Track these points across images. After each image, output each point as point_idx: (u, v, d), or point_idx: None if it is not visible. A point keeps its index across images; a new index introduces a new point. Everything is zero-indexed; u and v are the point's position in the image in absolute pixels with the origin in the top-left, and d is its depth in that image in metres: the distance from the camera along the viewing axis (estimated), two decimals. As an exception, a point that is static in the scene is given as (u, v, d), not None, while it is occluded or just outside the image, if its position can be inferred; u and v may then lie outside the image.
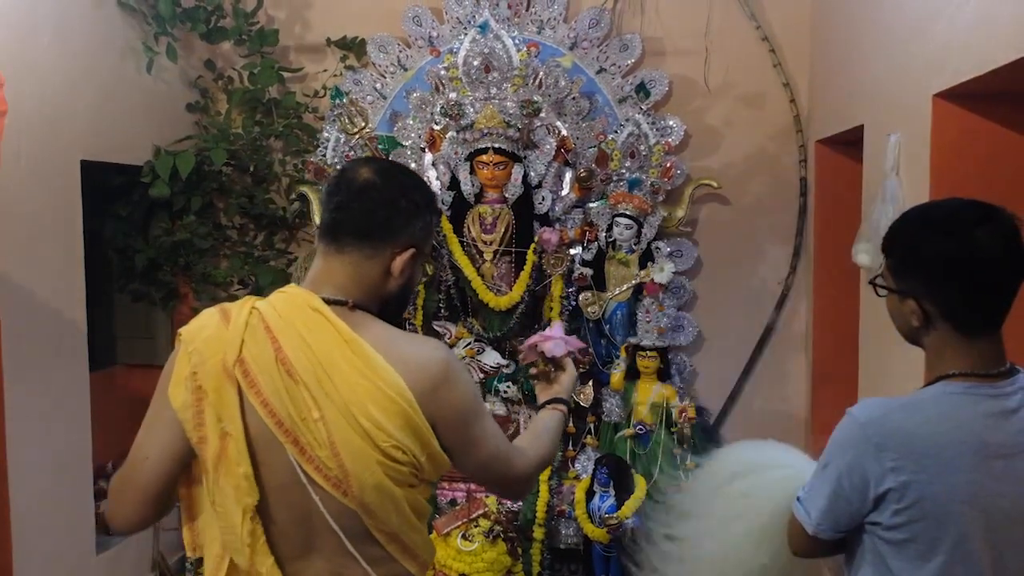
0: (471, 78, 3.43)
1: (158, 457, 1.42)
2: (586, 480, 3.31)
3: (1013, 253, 1.36)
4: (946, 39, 2.15)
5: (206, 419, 1.37)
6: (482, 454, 1.47)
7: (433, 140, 3.58)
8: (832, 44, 3.44)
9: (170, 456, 1.41)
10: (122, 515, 1.45)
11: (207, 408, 1.37)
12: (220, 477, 1.37)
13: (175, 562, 3.76)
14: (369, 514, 1.36)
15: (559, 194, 3.59)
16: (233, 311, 1.42)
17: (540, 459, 1.59)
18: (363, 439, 1.33)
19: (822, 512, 1.43)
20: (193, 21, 3.79)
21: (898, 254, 1.44)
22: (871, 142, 2.82)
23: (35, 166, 2.97)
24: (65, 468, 3.16)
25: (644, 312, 3.49)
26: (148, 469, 1.42)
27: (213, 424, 1.37)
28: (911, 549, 1.37)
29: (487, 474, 1.53)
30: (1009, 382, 1.39)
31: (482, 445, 1.47)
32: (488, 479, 1.56)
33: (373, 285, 1.45)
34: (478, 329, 3.54)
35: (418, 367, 1.38)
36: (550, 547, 3.30)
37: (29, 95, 2.95)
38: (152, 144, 3.69)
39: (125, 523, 1.46)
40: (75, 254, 3.21)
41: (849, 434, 1.40)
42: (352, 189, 1.44)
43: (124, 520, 1.46)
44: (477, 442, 1.46)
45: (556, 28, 3.79)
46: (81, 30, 3.25)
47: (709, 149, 3.86)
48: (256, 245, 4.08)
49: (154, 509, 1.45)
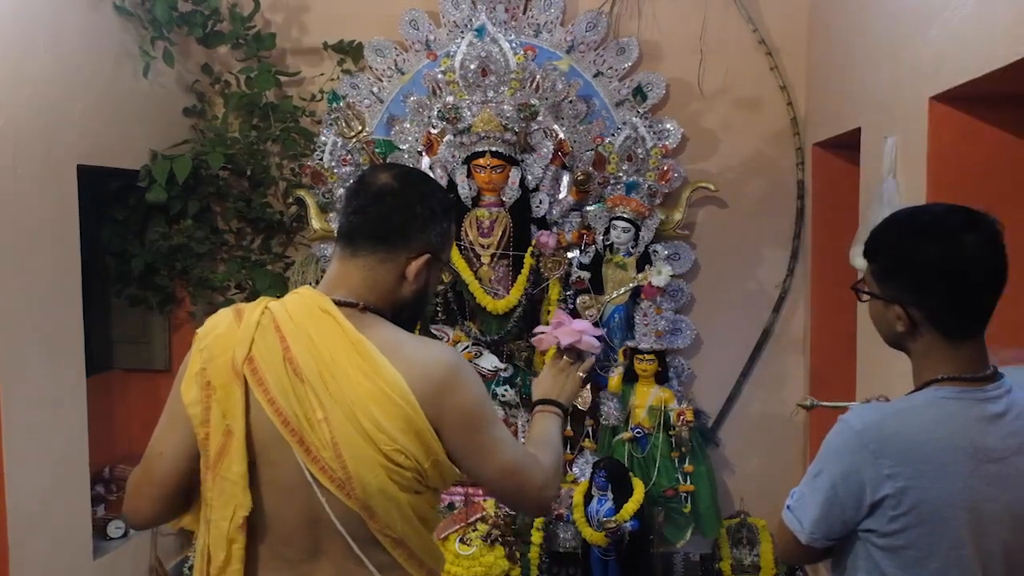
0: (468, 82, 3.43)
1: (172, 453, 1.43)
2: (584, 483, 3.31)
3: (998, 258, 1.36)
4: (942, 42, 2.15)
5: (212, 416, 1.38)
6: (493, 464, 1.42)
7: (430, 144, 3.58)
8: (829, 47, 3.45)
9: (184, 452, 1.42)
10: (139, 511, 1.47)
11: (214, 405, 1.38)
12: (220, 472, 1.37)
13: (172, 567, 3.75)
14: (373, 518, 1.35)
15: (556, 197, 3.59)
16: (246, 311, 1.43)
17: (555, 465, 1.51)
18: (366, 441, 1.33)
19: (815, 521, 1.41)
20: (190, 25, 3.79)
21: (883, 260, 1.43)
22: (868, 145, 2.82)
23: (31, 171, 2.97)
24: (62, 473, 3.16)
25: (642, 315, 3.49)
26: (163, 465, 1.43)
27: (218, 421, 1.37)
28: (906, 555, 1.36)
29: (505, 486, 1.45)
30: (995, 386, 1.39)
31: (492, 454, 1.42)
32: (505, 492, 1.47)
33: (387, 289, 1.44)
34: (476, 333, 3.53)
35: (422, 370, 1.37)
36: (548, 551, 3.30)
37: (25, 100, 2.94)
38: (149, 148, 3.68)
39: (141, 519, 1.48)
40: (71, 259, 3.21)
41: (844, 441, 1.39)
42: (370, 193, 1.45)
43: (140, 516, 1.47)
44: (486, 451, 1.41)
45: (553, 31, 3.79)
46: (77, 34, 3.24)
47: (706, 152, 3.86)
48: (253, 249, 4.07)
49: (170, 505, 1.46)
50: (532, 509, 1.51)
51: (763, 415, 3.89)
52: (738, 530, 3.65)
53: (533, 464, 1.47)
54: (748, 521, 3.66)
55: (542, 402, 1.65)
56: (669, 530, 3.43)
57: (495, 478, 1.44)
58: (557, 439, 1.58)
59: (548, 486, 1.48)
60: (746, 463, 3.90)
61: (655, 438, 3.43)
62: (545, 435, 1.58)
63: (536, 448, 1.52)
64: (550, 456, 1.51)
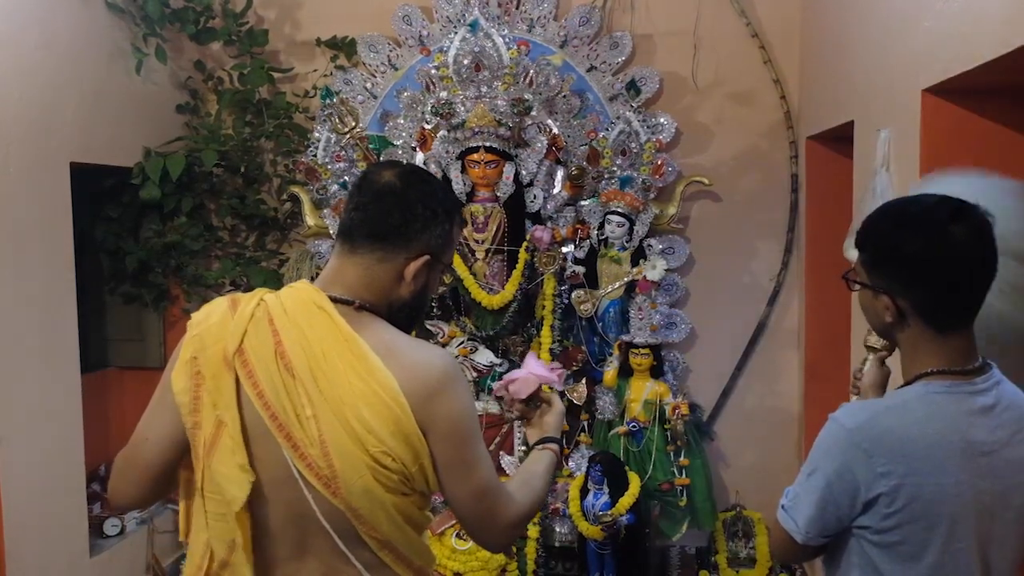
0: (462, 77, 3.43)
1: (157, 439, 1.42)
2: (580, 478, 3.32)
3: (987, 249, 1.35)
4: (935, 34, 2.15)
5: (202, 405, 1.37)
6: (470, 482, 1.39)
7: (424, 139, 3.58)
8: (822, 40, 3.45)
9: (169, 439, 1.42)
10: (122, 492, 1.47)
11: (204, 395, 1.37)
12: (212, 464, 1.36)
13: (169, 565, 3.75)
14: (358, 518, 1.34)
15: (551, 192, 3.59)
16: (242, 301, 1.42)
17: (530, 506, 1.48)
18: (353, 441, 1.32)
19: (810, 520, 1.41)
20: (182, 22, 3.78)
21: (872, 250, 1.43)
22: (861, 138, 2.82)
23: (24, 169, 2.96)
24: (57, 471, 3.15)
25: (637, 309, 3.49)
26: (148, 450, 1.43)
27: (208, 411, 1.36)
28: (901, 551, 1.36)
29: (475, 508, 1.41)
30: (984, 378, 1.39)
31: (474, 472, 1.39)
32: (474, 514, 1.42)
33: (384, 289, 1.43)
34: (471, 328, 3.54)
35: (415, 372, 1.36)
36: (545, 545, 3.30)
37: (17, 98, 2.93)
38: (142, 146, 3.67)
39: (125, 500, 1.48)
40: (65, 257, 3.20)
41: (836, 440, 1.39)
42: (372, 191, 1.44)
43: (124, 497, 1.48)
44: (467, 466, 1.39)
45: (546, 26, 3.79)
46: (69, 31, 3.23)
47: (700, 146, 3.86)
48: (247, 246, 4.06)
49: (152, 489, 1.46)
50: (491, 540, 1.47)
51: (758, 408, 3.90)
52: (734, 523, 3.67)
53: (507, 498, 1.44)
54: (744, 514, 3.67)
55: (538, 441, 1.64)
56: (665, 524, 3.44)
57: (467, 497, 1.40)
58: (542, 482, 1.55)
59: (514, 525, 1.45)
60: (741, 456, 3.91)
61: (650, 432, 3.43)
62: (531, 474, 1.55)
63: (517, 486, 1.49)
64: (528, 498, 1.48)
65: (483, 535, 1.46)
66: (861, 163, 2.81)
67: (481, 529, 1.44)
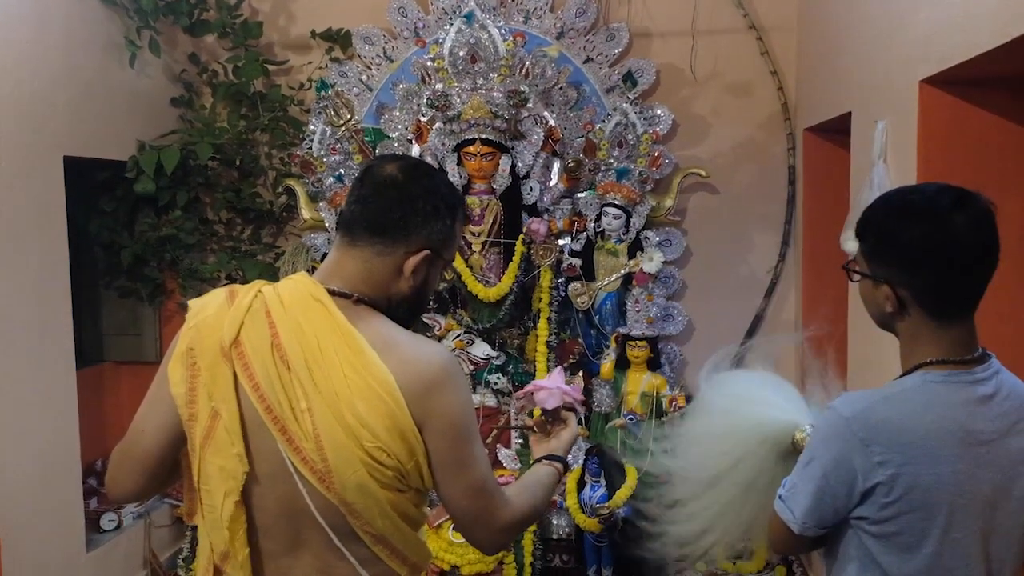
0: (457, 69, 3.41)
1: (154, 431, 1.41)
2: (577, 470, 3.31)
3: (988, 239, 1.34)
4: (932, 25, 2.14)
5: (198, 397, 1.36)
6: (465, 479, 1.37)
7: (420, 131, 3.56)
8: (819, 31, 3.44)
9: (166, 430, 1.41)
10: (119, 485, 1.46)
11: (200, 387, 1.36)
12: (207, 456, 1.35)
13: (166, 559, 3.75)
14: (352, 513, 1.33)
15: (547, 184, 3.58)
16: (240, 292, 1.41)
17: (525, 512, 1.46)
18: (348, 436, 1.31)
19: (807, 510, 1.40)
20: (176, 14, 3.75)
21: (873, 239, 1.42)
22: (859, 129, 2.81)
23: (17, 162, 2.94)
24: (53, 466, 3.14)
25: (634, 302, 3.49)
26: (144, 442, 1.42)
27: (204, 403, 1.35)
28: (899, 541, 1.36)
29: (469, 507, 1.39)
30: (984, 367, 1.38)
31: (469, 470, 1.37)
32: (467, 513, 1.40)
33: (382, 283, 1.41)
34: (467, 321, 3.53)
35: (412, 367, 1.34)
36: (542, 537, 3.30)
37: (9, 91, 2.91)
38: (136, 139, 3.66)
39: (122, 493, 1.47)
40: (60, 251, 3.19)
41: (833, 429, 1.38)
42: (373, 184, 1.42)
43: (121, 490, 1.47)
44: (465, 464, 1.37)
45: (542, 18, 3.77)
46: (62, 24, 3.21)
47: (697, 138, 3.85)
48: (243, 239, 4.05)
49: (149, 482, 1.45)
50: (484, 541, 1.45)
51: (755, 400, 3.90)
52: (731, 515, 3.66)
53: (503, 500, 1.42)
54: (741, 506, 3.67)
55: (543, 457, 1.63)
56: (662, 516, 3.43)
57: (461, 495, 1.38)
58: (543, 493, 1.54)
59: (508, 528, 1.44)
60: (739, 448, 3.91)
61: (647, 424, 3.43)
62: (532, 483, 1.54)
63: (516, 492, 1.48)
64: (525, 504, 1.47)
65: (476, 535, 1.44)
66: (859, 154, 2.80)
67: (474, 529, 1.43)
